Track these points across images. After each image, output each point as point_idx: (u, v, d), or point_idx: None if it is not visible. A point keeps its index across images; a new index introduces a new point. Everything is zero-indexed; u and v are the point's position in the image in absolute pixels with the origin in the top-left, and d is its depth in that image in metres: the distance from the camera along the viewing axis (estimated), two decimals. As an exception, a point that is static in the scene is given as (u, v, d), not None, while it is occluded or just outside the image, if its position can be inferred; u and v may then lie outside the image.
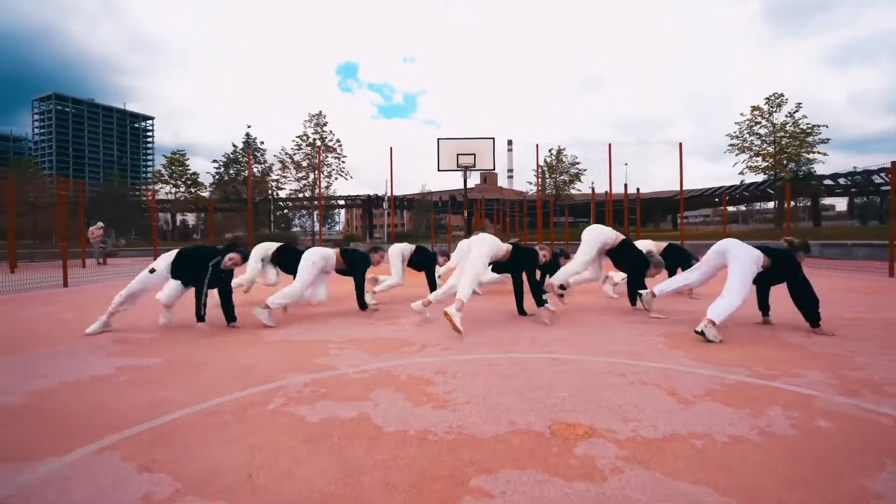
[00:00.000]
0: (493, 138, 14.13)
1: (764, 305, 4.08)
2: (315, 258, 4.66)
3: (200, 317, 3.82)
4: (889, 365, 2.81)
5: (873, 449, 1.74)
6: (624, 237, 5.10)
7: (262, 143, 31.66)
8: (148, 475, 1.61)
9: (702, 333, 3.40)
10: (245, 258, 4.23)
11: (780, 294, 3.88)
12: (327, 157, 26.21)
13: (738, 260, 3.70)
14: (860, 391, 2.36)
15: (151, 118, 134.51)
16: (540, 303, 4.24)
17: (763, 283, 3.99)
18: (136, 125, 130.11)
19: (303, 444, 1.84)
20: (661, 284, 4.39)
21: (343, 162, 26.66)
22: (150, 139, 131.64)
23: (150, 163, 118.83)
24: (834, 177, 30.80)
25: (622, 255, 5.03)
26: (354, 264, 4.91)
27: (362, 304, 4.93)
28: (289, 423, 2.04)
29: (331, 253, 4.87)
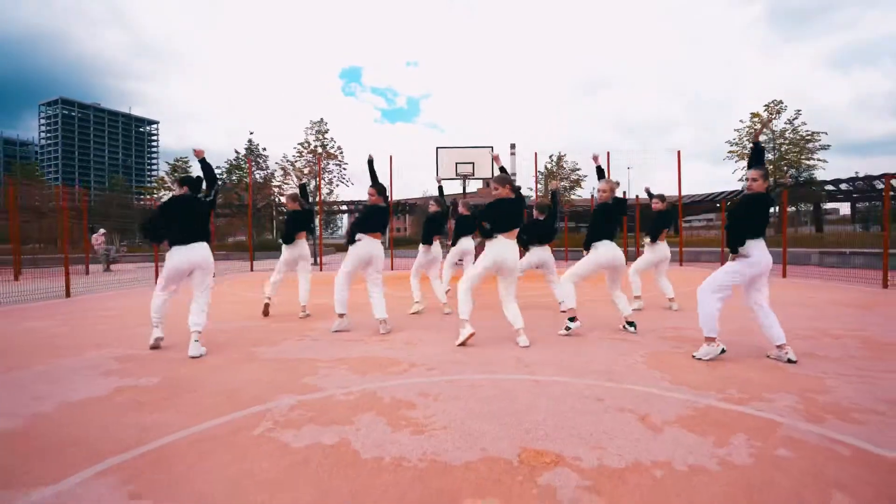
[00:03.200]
0: (492, 147, 14.29)
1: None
2: None
3: None
4: (860, 388, 2.89)
5: (823, 480, 1.83)
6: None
7: (264, 149, 31.96)
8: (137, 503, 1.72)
9: None
10: None
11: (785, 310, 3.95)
12: (328, 163, 26.41)
13: None
14: (826, 417, 2.45)
15: (156, 122, 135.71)
16: None
17: None
18: (142, 129, 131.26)
19: (284, 471, 1.94)
20: None
21: (344, 169, 26.93)
22: (155, 143, 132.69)
23: (154, 166, 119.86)
24: (836, 182, 30.83)
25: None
26: None
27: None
28: (273, 450, 2.14)
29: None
